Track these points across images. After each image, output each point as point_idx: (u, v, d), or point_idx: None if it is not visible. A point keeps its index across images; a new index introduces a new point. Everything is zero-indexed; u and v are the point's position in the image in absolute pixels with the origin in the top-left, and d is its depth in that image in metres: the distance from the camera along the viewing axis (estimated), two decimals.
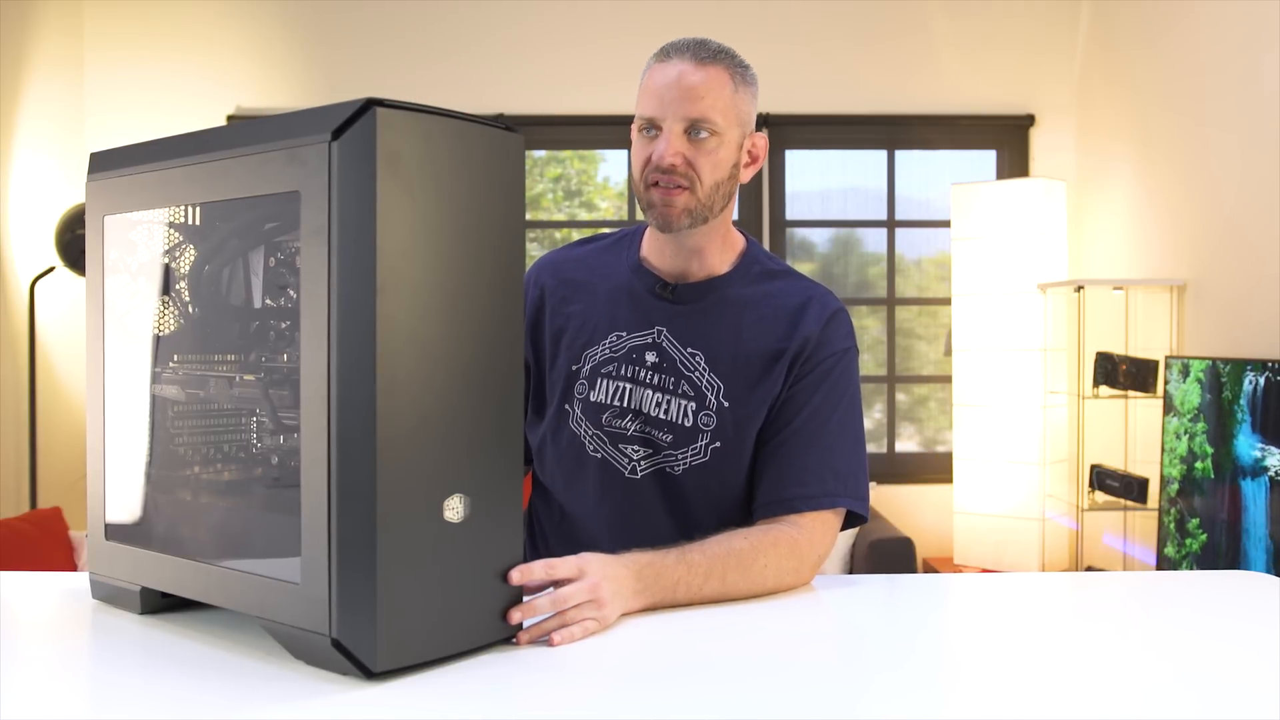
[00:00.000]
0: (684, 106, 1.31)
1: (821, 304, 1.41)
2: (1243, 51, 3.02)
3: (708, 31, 1.53)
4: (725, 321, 1.40)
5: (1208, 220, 3.23)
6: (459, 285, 0.97)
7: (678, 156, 1.32)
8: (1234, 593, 1.37)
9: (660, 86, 1.32)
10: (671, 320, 1.41)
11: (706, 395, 1.38)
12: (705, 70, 1.32)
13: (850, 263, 4.36)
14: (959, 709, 0.93)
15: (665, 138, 1.32)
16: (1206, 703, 0.93)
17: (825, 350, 1.39)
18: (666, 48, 1.34)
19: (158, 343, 1.14)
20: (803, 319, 1.39)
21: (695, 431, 1.38)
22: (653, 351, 1.40)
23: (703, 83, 1.31)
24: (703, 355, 1.39)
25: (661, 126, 1.33)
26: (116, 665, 1.02)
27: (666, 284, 1.42)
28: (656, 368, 1.40)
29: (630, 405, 1.40)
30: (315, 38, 4.14)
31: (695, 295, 1.41)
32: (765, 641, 1.11)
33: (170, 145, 1.09)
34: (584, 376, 1.43)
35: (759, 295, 1.42)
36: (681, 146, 1.32)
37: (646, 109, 1.33)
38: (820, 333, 1.39)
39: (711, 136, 1.33)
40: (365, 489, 0.90)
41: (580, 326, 1.45)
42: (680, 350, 1.40)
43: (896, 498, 4.11)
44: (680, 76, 1.31)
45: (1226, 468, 2.60)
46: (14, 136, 3.63)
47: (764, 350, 1.38)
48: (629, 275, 1.45)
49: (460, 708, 0.90)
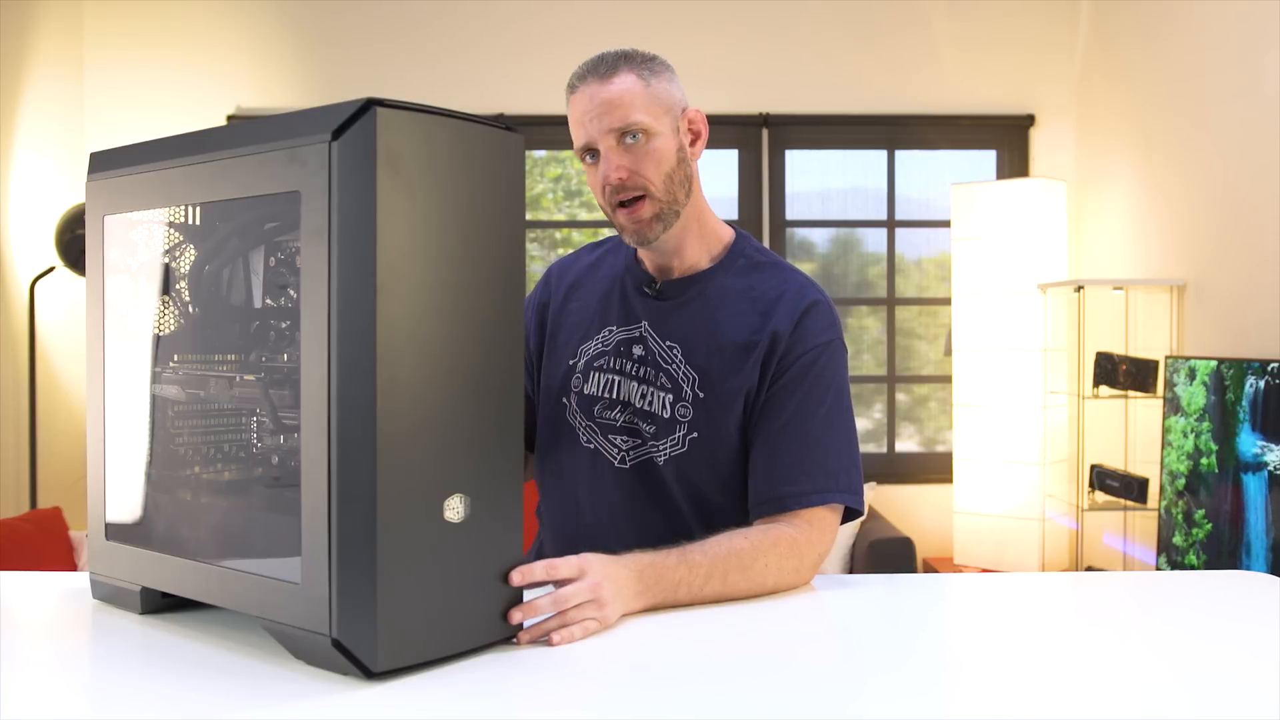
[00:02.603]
0: (604, 121, 1.35)
1: (798, 296, 1.41)
2: (1243, 51, 3.02)
3: (710, 32, 1.54)
4: (703, 314, 1.43)
5: (1208, 220, 3.23)
6: (459, 285, 0.97)
7: (621, 170, 1.36)
8: (1234, 593, 1.37)
9: (580, 115, 1.37)
10: (654, 315, 1.45)
11: (683, 387, 1.40)
12: (610, 81, 1.36)
13: (850, 263, 4.36)
14: (959, 709, 0.93)
15: (603, 157, 1.36)
16: (1206, 703, 0.93)
17: (803, 345, 1.38)
18: (572, 80, 1.39)
19: (158, 343, 1.14)
20: (775, 311, 1.40)
21: (674, 422, 1.40)
22: (639, 345, 1.44)
23: (613, 93, 1.35)
24: (680, 348, 1.42)
25: (597, 149, 1.37)
26: (116, 665, 1.02)
27: (653, 281, 1.46)
28: (641, 360, 1.43)
29: (619, 397, 1.44)
30: (315, 38, 4.14)
31: (677, 291, 1.45)
32: (765, 641, 1.11)
33: (170, 145, 1.09)
34: (579, 370, 1.47)
35: (740, 287, 1.44)
36: (620, 159, 1.36)
37: (578, 139, 1.39)
38: (795, 327, 1.38)
39: (643, 136, 1.36)
40: (365, 489, 0.90)
41: (576, 323, 1.50)
42: (660, 343, 1.43)
43: (896, 498, 4.11)
44: (591, 97, 1.36)
45: (1230, 463, 2.72)
46: (14, 136, 3.63)
47: (736, 341, 1.40)
48: (625, 273, 1.50)
49: (460, 708, 0.90)
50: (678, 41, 3.93)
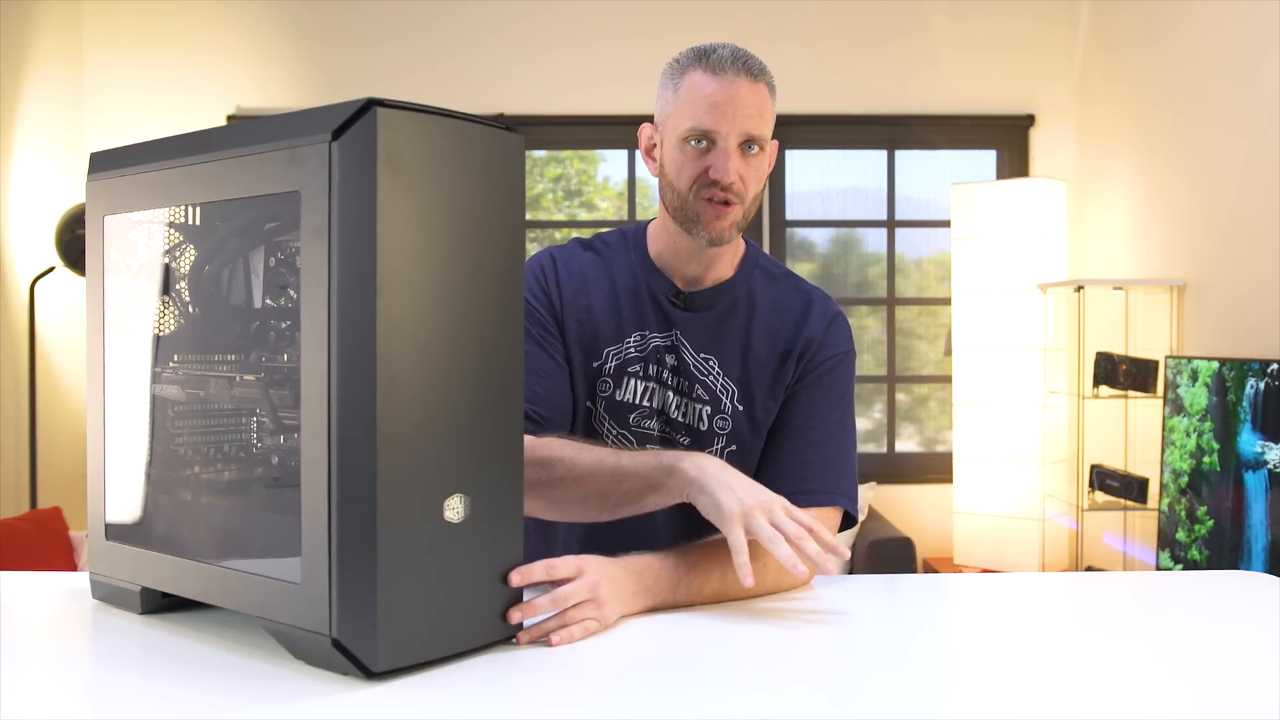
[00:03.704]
0: (742, 123, 1.31)
1: (823, 307, 1.45)
2: (1243, 51, 3.02)
3: (710, 32, 1.53)
4: (735, 327, 1.42)
5: (1208, 220, 3.23)
6: (459, 285, 0.97)
7: (737, 174, 1.32)
8: (1234, 593, 1.37)
9: (719, 101, 1.30)
10: (686, 326, 1.42)
11: (721, 399, 1.40)
12: (757, 87, 1.32)
13: (850, 263, 4.36)
14: (958, 709, 0.93)
15: (725, 154, 1.31)
16: (1206, 703, 0.93)
17: (827, 351, 1.41)
18: (710, 57, 1.32)
19: (158, 343, 1.14)
20: (807, 320, 1.42)
21: (711, 435, 1.40)
22: (672, 354, 1.41)
23: (756, 100, 1.31)
24: (716, 360, 1.41)
25: (717, 141, 1.32)
26: (116, 665, 1.02)
27: (680, 291, 1.42)
28: (675, 370, 1.41)
29: (656, 406, 1.41)
30: (315, 38, 4.14)
31: (707, 302, 1.42)
32: (764, 641, 1.11)
33: (170, 145, 1.09)
34: (608, 374, 1.41)
35: (764, 299, 1.44)
36: (738, 163, 1.32)
37: (703, 121, 1.31)
38: (823, 334, 1.42)
39: (759, 151, 1.34)
40: (365, 489, 0.90)
41: (597, 322, 1.42)
42: (694, 355, 1.41)
43: (896, 498, 4.11)
44: (739, 93, 1.30)
45: (1231, 462, 2.78)
46: (14, 136, 3.63)
47: (774, 353, 1.41)
48: (643, 276, 1.44)
49: (460, 708, 0.90)
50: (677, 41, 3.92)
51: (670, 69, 1.37)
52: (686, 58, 1.34)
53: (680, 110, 1.33)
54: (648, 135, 1.42)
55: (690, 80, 1.32)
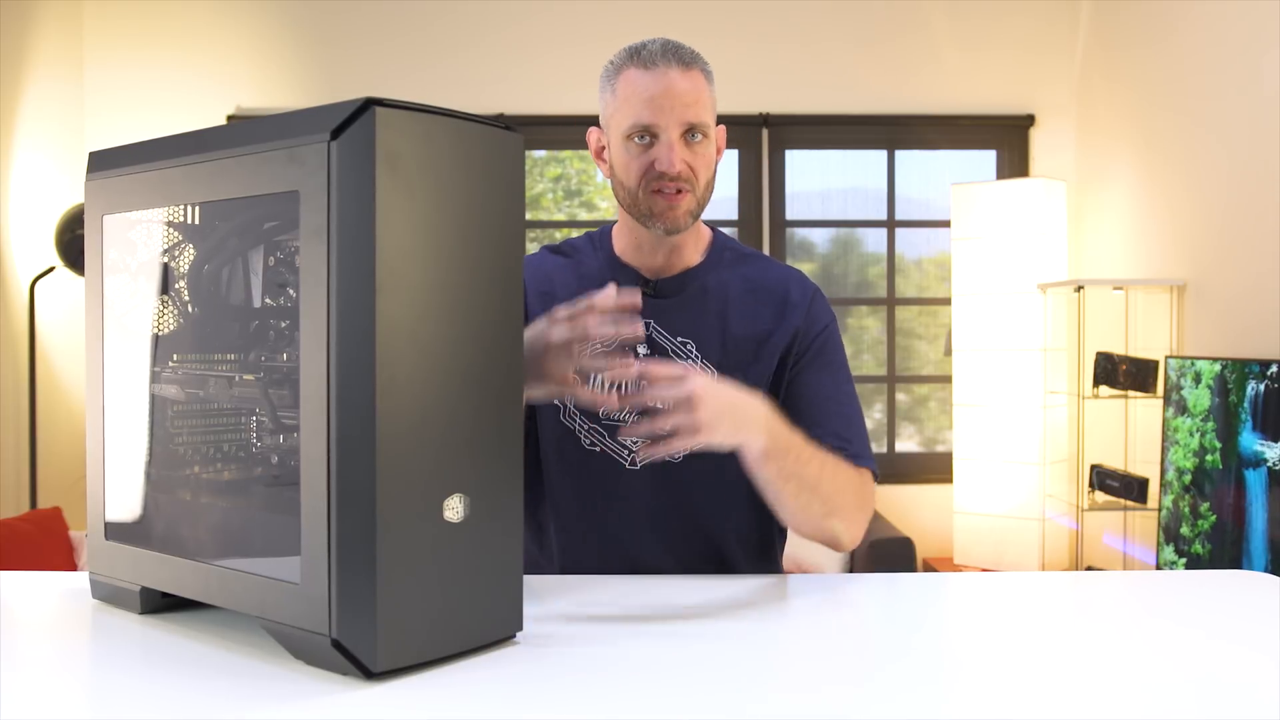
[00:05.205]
0: (681, 113, 1.34)
1: (801, 285, 1.49)
2: (1243, 51, 3.02)
3: (710, 32, 1.54)
4: (710, 308, 1.44)
5: (1208, 220, 3.23)
6: (459, 285, 0.97)
7: (682, 163, 1.35)
8: (1234, 592, 1.37)
9: (655, 94, 1.34)
10: (658, 313, 1.44)
11: None
12: (691, 75, 1.35)
13: (850, 263, 4.36)
14: (958, 709, 0.93)
15: (667, 145, 1.35)
16: (1207, 703, 0.93)
17: (817, 326, 1.46)
18: (641, 53, 1.36)
19: (157, 342, 1.14)
20: (788, 301, 1.46)
21: None
22: (643, 344, 1.43)
23: (692, 88, 1.35)
24: (693, 343, 1.43)
25: (658, 134, 1.35)
26: (116, 665, 1.02)
27: (648, 280, 1.46)
28: (648, 359, 1.41)
29: None
30: (315, 38, 4.14)
31: (676, 288, 1.45)
32: (765, 641, 1.11)
33: (170, 145, 1.09)
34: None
35: (737, 279, 1.47)
36: (682, 152, 1.36)
37: (642, 116, 1.35)
38: (808, 312, 1.46)
39: (703, 137, 1.37)
40: (365, 489, 0.90)
41: None
42: (670, 340, 1.43)
43: (896, 498, 4.11)
44: (673, 84, 1.34)
45: (1232, 460, 2.83)
46: (14, 136, 3.63)
47: (753, 333, 1.43)
48: (611, 273, 1.47)
49: (460, 708, 0.90)
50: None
51: (606, 70, 1.41)
52: (620, 57, 1.39)
53: (620, 109, 1.37)
54: (595, 139, 1.46)
55: (625, 78, 1.37)
